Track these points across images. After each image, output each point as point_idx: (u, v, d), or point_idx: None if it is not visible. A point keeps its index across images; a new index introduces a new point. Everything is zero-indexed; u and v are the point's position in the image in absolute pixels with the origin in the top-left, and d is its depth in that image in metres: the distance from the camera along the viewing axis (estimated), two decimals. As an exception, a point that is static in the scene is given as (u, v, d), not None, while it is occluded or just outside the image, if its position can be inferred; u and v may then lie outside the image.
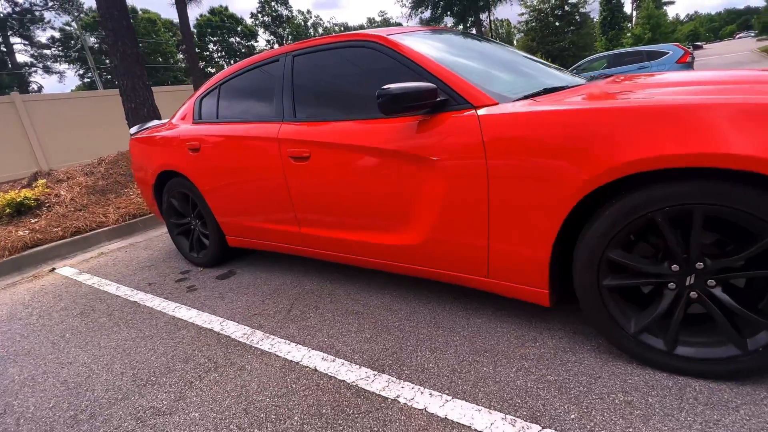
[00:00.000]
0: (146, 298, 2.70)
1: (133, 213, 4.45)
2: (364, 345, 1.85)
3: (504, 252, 1.66)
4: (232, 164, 2.51)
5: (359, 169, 1.95)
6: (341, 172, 2.01)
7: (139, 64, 5.95)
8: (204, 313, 2.37)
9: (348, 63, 2.08)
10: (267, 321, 2.18)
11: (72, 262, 3.77)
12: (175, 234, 3.23)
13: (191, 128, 2.78)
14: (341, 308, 2.21)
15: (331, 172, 2.05)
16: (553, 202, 1.45)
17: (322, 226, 2.23)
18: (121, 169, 5.44)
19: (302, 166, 2.15)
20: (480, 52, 2.18)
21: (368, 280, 2.50)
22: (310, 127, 2.12)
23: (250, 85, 2.54)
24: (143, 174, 3.21)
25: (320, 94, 2.17)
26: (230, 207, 2.66)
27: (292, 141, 2.16)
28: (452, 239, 1.77)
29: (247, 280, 2.76)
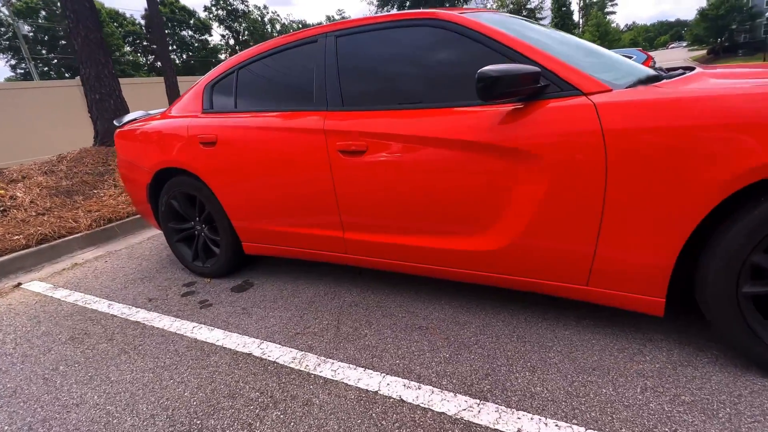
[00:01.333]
0: (151, 317, 2.30)
1: (107, 217, 3.92)
2: (446, 367, 1.61)
3: (614, 259, 1.48)
4: (258, 160, 2.17)
5: (430, 164, 1.71)
6: (406, 168, 1.76)
7: (103, 50, 5.32)
8: (232, 333, 2.03)
9: (409, 44, 1.82)
10: (316, 341, 1.88)
11: (40, 275, 3.22)
12: (174, 240, 2.82)
13: (201, 119, 2.40)
14: (399, 323, 1.95)
15: (393, 169, 1.79)
16: (688, 202, 1.29)
17: (374, 230, 1.96)
18: (87, 168, 4.82)
19: (355, 161, 1.87)
20: (549, 36, 1.99)
21: (415, 289, 2.26)
22: (365, 117, 1.84)
23: (278, 69, 2.21)
24: (135, 172, 2.77)
25: (375, 79, 1.90)
26: (252, 209, 2.31)
27: (342, 133, 1.88)
28: (547, 245, 1.57)
29: (271, 293, 2.43)
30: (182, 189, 2.60)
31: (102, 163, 4.92)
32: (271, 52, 2.24)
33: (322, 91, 2.00)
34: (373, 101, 1.87)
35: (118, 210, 4.06)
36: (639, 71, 1.76)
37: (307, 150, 2.00)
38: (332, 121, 1.92)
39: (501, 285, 1.78)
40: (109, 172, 4.78)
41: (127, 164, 2.85)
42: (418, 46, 1.80)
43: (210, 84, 2.45)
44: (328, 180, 1.97)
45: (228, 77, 2.39)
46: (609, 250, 1.47)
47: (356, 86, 1.93)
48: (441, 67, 1.73)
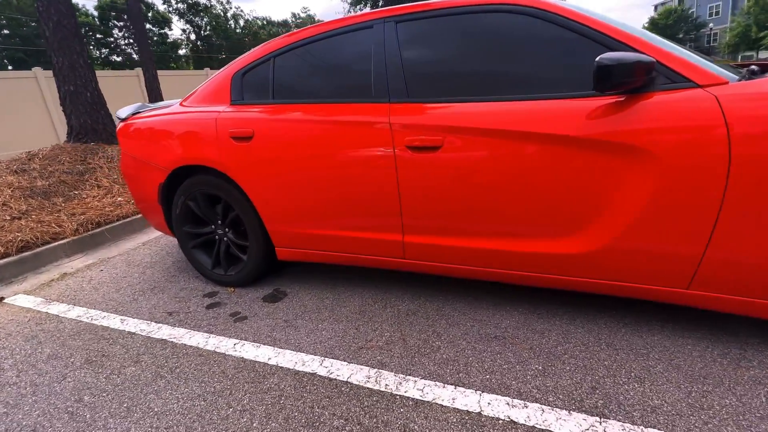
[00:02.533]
0: (178, 333, 2.04)
1: (95, 220, 3.53)
2: (545, 380, 1.49)
3: (726, 261, 1.40)
4: (304, 157, 1.97)
5: (518, 161, 1.57)
6: (489, 165, 1.62)
7: (78, 37, 4.83)
8: (284, 350, 1.81)
9: (491, 32, 1.68)
10: (385, 356, 1.71)
11: (25, 287, 2.84)
12: (190, 246, 2.54)
13: (232, 111, 2.16)
14: (471, 332, 1.81)
15: (474, 166, 1.64)
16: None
17: (443, 233, 1.81)
18: (64, 166, 4.35)
19: (427, 158, 1.71)
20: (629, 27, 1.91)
21: (471, 294, 2.12)
22: (441, 110, 1.69)
23: (324, 56, 2.01)
24: (144, 170, 2.48)
25: (449, 68, 1.74)
26: (291, 211, 2.10)
27: (413, 126, 1.71)
28: (647, 247, 1.48)
29: (311, 302, 2.22)
30: (204, 189, 2.34)
31: (80, 162, 4.46)
32: (315, 38, 2.03)
33: (383, 81, 1.83)
34: (447, 93, 1.72)
35: (105, 213, 3.68)
36: (725, 67, 1.70)
37: (367, 145, 1.82)
38: (399, 114, 1.75)
39: (587, 290, 1.68)
40: (89, 171, 4.34)
41: (133, 162, 2.54)
42: (501, 34, 1.66)
43: (240, 72, 2.21)
44: (391, 178, 1.80)
45: (262, 65, 2.16)
46: (720, 252, 1.39)
47: (424, 76, 1.77)
48: (529, 57, 1.60)
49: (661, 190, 1.40)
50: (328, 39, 2.00)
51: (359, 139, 1.83)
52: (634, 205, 1.45)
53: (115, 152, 4.82)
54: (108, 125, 5.17)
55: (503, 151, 1.58)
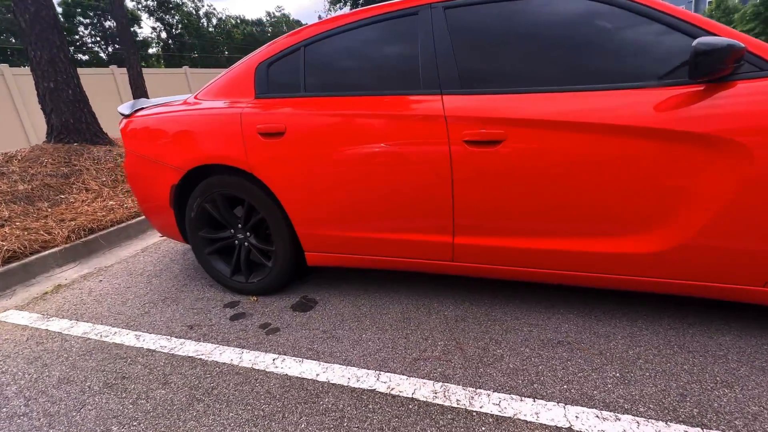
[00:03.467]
0: (206, 349, 1.85)
1: (87, 227, 3.26)
2: (628, 389, 1.39)
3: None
4: (343, 154, 1.82)
5: (591, 155, 1.48)
6: (557, 159, 1.52)
7: (58, 30, 4.49)
8: (332, 364, 1.66)
9: (553, 19, 1.57)
10: (447, 368, 1.58)
11: (16, 302, 2.57)
12: (206, 252, 2.35)
13: (259, 105, 1.99)
14: (531, 338, 1.70)
15: (540, 161, 1.54)
16: None
17: (499, 233, 1.70)
18: (47, 169, 4.02)
19: (487, 153, 1.59)
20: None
21: (520, 295, 2.02)
22: (503, 101, 1.57)
23: (362, 45, 1.87)
24: (154, 171, 2.27)
25: (507, 58, 1.63)
26: (327, 213, 1.95)
27: (472, 119, 1.59)
28: (727, 245, 1.41)
29: (347, 310, 2.07)
30: (224, 190, 2.15)
31: (64, 163, 4.14)
32: (352, 26, 1.89)
33: (432, 72, 1.70)
34: (507, 83, 1.60)
35: (98, 218, 3.41)
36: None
37: (417, 140, 1.68)
38: (456, 106, 1.62)
39: (656, 290, 1.60)
40: (75, 174, 4.03)
41: (141, 161, 2.32)
42: (567, 21, 1.56)
43: (265, 63, 2.03)
44: (445, 175, 1.67)
45: (291, 55, 1.99)
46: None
47: (480, 66, 1.65)
48: (599, 45, 1.51)
49: (748, 183, 1.33)
50: (367, 27, 1.86)
51: (409, 134, 1.70)
52: (717, 199, 1.38)
53: (102, 153, 4.50)
54: (92, 124, 4.83)
55: (574, 145, 1.48)
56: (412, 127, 1.69)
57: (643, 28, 1.45)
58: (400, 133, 1.71)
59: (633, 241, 1.53)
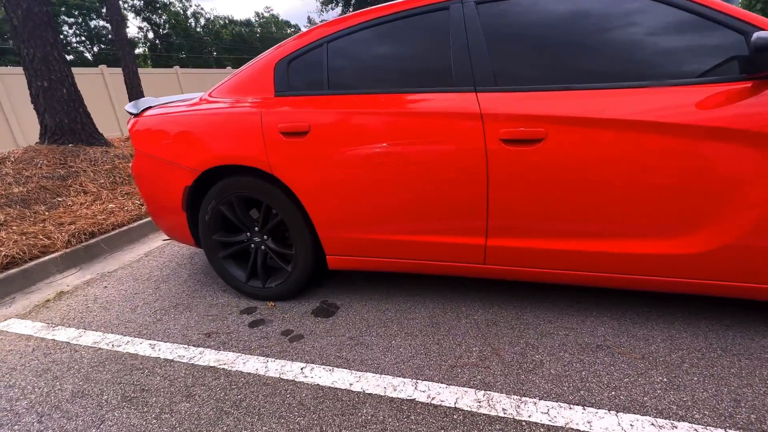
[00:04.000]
0: (227, 358, 1.77)
1: (88, 230, 3.14)
2: (679, 395, 1.35)
3: None
4: (371, 154, 1.75)
5: (636, 153, 1.44)
6: (601, 158, 1.47)
7: (51, 27, 4.34)
8: (364, 373, 1.59)
9: (590, 14, 1.53)
10: (486, 375, 1.52)
11: (17, 310, 2.45)
12: (220, 256, 2.26)
13: (280, 103, 1.91)
14: (568, 343, 1.66)
15: (581, 159, 1.49)
16: None
17: (536, 235, 1.65)
18: (42, 171, 3.87)
19: (525, 152, 1.54)
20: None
21: (550, 298, 1.98)
22: (542, 99, 1.52)
23: (390, 41, 1.80)
24: (166, 172, 2.17)
25: (544, 54, 1.58)
26: (351, 214, 1.88)
27: (510, 117, 1.54)
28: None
29: (371, 315, 2.00)
30: (241, 192, 2.07)
31: (60, 165, 3.99)
32: (378, 22, 1.83)
33: (465, 69, 1.64)
34: (544, 80, 1.55)
35: (98, 221, 3.28)
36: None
37: (451, 138, 1.63)
38: (492, 104, 1.57)
39: (696, 291, 1.56)
40: (72, 176, 3.89)
41: (151, 162, 2.22)
42: (607, 16, 1.51)
43: (286, 60, 1.96)
44: (480, 174, 1.62)
45: (313, 52, 1.92)
46: None
47: (515, 62, 1.60)
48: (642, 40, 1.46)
49: (800, 183, 1.30)
50: (394, 22, 1.80)
51: (441, 132, 1.64)
52: (765, 198, 1.34)
53: (99, 154, 4.36)
54: (87, 125, 4.68)
55: (616, 143, 1.44)
56: (445, 125, 1.63)
57: (688, 23, 1.41)
58: (432, 131, 1.65)
59: (676, 242, 1.49)
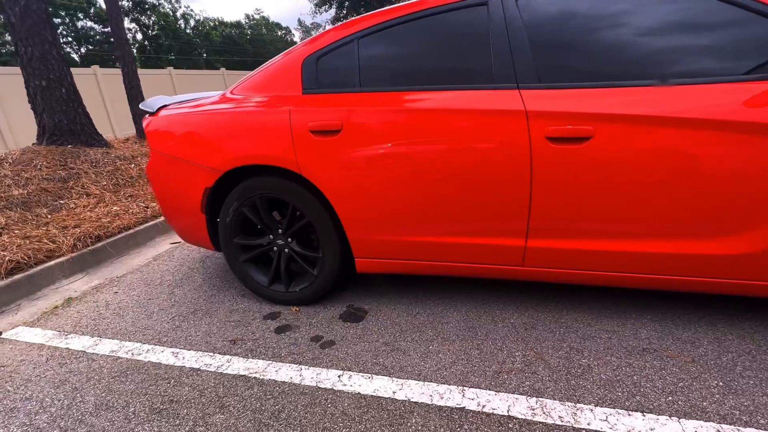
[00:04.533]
0: (257, 366, 1.70)
1: (94, 234, 3.03)
2: (739, 400, 1.32)
3: None
4: (407, 152, 1.70)
5: (690, 152, 1.40)
6: (651, 157, 1.44)
7: (50, 24, 4.21)
8: (406, 380, 1.53)
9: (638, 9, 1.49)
10: (534, 380, 1.47)
11: (24, 317, 2.33)
12: (241, 260, 2.18)
13: (309, 101, 1.85)
14: (613, 346, 1.61)
15: (630, 158, 1.45)
16: None
17: (579, 236, 1.61)
18: (42, 172, 3.74)
19: (572, 150, 1.50)
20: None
21: (585, 300, 1.94)
22: (587, 95, 1.48)
23: (425, 38, 1.75)
24: (186, 172, 2.09)
25: (588, 51, 1.53)
26: (384, 216, 1.82)
27: (557, 114, 1.50)
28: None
29: (401, 319, 1.94)
30: (265, 193, 2.00)
31: (61, 167, 3.86)
32: (411, 18, 1.77)
33: (507, 66, 1.60)
34: (588, 77, 1.51)
35: (103, 224, 3.17)
36: None
37: (493, 136, 1.58)
38: (537, 101, 1.53)
39: (740, 293, 1.54)
40: (73, 177, 3.76)
41: (169, 162, 2.14)
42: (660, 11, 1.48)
43: (314, 57, 1.90)
44: (523, 173, 1.57)
45: (343, 48, 1.86)
46: None
47: (559, 59, 1.56)
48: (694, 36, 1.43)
49: None
50: (429, 18, 1.75)
51: (482, 130, 1.59)
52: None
53: (100, 156, 4.24)
54: (87, 125, 4.55)
55: (667, 142, 1.40)
56: (487, 123, 1.58)
57: (741, 19, 1.39)
58: (473, 129, 1.61)
59: (726, 242, 1.46)
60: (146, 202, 3.71)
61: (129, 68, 6.42)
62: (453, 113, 1.63)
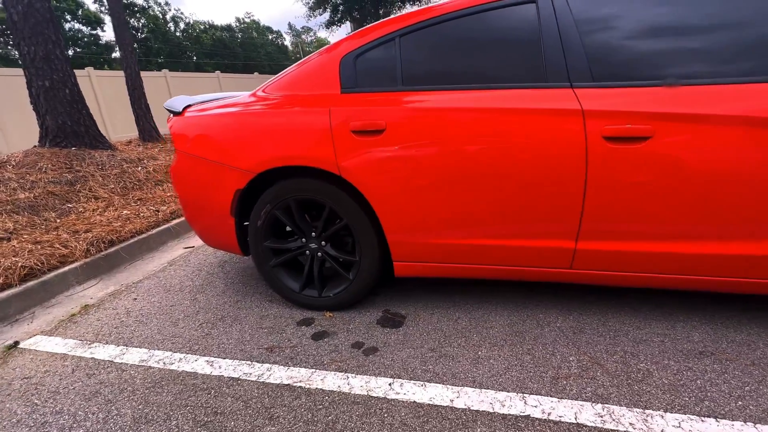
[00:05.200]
0: (301, 375, 1.63)
1: (107, 239, 2.93)
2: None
3: None
4: (455, 152, 1.66)
5: (753, 151, 1.38)
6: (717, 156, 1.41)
7: (53, 24, 4.10)
8: (462, 387, 1.48)
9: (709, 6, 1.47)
10: (596, 386, 1.43)
11: (40, 326, 2.23)
12: (271, 265, 2.11)
13: (350, 100, 1.80)
14: (667, 349, 1.58)
15: (693, 158, 1.43)
16: None
17: (633, 237, 1.58)
18: (48, 175, 3.62)
19: (630, 150, 1.47)
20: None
21: (629, 302, 1.91)
22: (645, 93, 1.46)
23: (470, 36, 1.71)
24: (215, 174, 2.02)
25: (644, 47, 1.51)
26: (428, 218, 1.77)
27: (614, 113, 1.47)
28: None
29: (443, 324, 1.89)
30: (300, 194, 1.94)
31: (67, 169, 3.74)
32: (454, 16, 1.73)
33: (559, 64, 1.57)
34: (643, 76, 1.48)
35: (115, 228, 3.08)
36: None
37: (546, 136, 1.55)
38: (594, 100, 1.50)
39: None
40: (80, 181, 3.65)
41: (196, 163, 2.07)
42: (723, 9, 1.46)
43: (353, 55, 1.85)
44: (578, 174, 1.54)
45: (383, 46, 1.82)
46: None
47: (612, 58, 1.53)
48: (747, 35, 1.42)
49: None
50: (474, 16, 1.71)
51: (536, 130, 1.56)
52: None
53: (105, 158, 4.12)
54: (91, 127, 4.42)
55: (734, 141, 1.38)
56: (539, 122, 1.55)
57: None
58: (524, 129, 1.57)
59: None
60: (156, 206, 3.62)
61: (132, 69, 6.28)
62: (503, 112, 1.59)
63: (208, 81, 15.07)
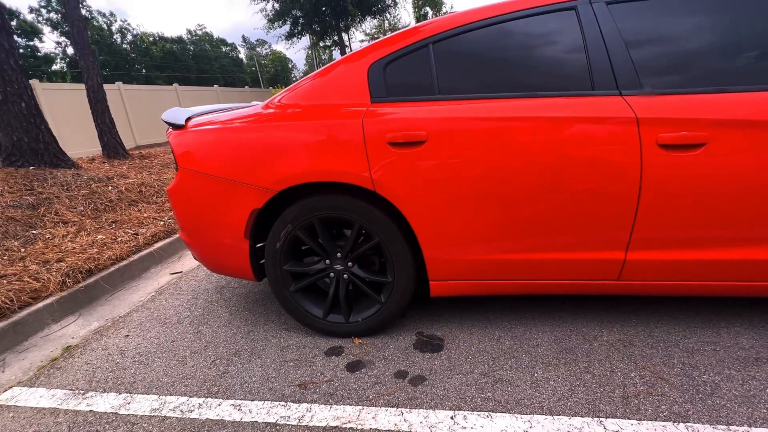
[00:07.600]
0: (347, 414, 1.46)
1: (84, 268, 2.61)
2: None
3: None
4: (503, 163, 1.58)
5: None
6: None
7: (6, 32, 3.68)
8: (530, 415, 1.38)
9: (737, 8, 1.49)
10: (670, 404, 1.37)
11: (16, 375, 1.91)
12: (292, 291, 1.93)
13: (384, 110, 1.68)
14: (723, 358, 1.56)
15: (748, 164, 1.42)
16: None
17: (688, 246, 1.55)
18: (6, 199, 3.19)
19: (685, 157, 1.45)
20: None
21: (667, 311, 1.89)
22: (699, 100, 1.44)
23: (511, 43, 1.65)
24: (227, 192, 1.83)
25: (693, 53, 1.50)
26: (472, 233, 1.67)
27: (669, 121, 1.44)
28: None
29: (486, 346, 1.79)
30: (327, 212, 1.79)
31: (27, 191, 3.33)
32: (490, 22, 1.67)
33: (606, 72, 1.53)
34: (697, 83, 1.47)
35: (92, 256, 2.75)
36: None
37: (600, 144, 1.50)
38: (648, 107, 1.46)
39: None
40: (44, 203, 3.26)
41: (205, 182, 1.86)
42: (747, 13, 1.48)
43: (382, 62, 1.73)
44: (632, 182, 1.50)
45: (414, 54, 1.72)
46: None
47: (660, 65, 1.51)
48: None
49: None
50: (512, 22, 1.65)
51: (587, 138, 1.50)
52: None
53: (70, 178, 3.72)
54: (51, 144, 4.00)
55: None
56: (590, 130, 1.50)
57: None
58: (572, 138, 1.52)
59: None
60: (134, 228, 3.29)
61: (94, 81, 5.79)
62: (549, 121, 1.53)
63: (167, 94, 14.38)
